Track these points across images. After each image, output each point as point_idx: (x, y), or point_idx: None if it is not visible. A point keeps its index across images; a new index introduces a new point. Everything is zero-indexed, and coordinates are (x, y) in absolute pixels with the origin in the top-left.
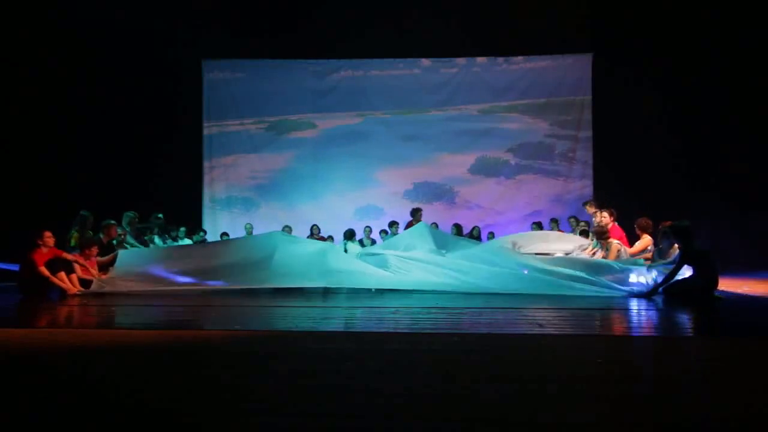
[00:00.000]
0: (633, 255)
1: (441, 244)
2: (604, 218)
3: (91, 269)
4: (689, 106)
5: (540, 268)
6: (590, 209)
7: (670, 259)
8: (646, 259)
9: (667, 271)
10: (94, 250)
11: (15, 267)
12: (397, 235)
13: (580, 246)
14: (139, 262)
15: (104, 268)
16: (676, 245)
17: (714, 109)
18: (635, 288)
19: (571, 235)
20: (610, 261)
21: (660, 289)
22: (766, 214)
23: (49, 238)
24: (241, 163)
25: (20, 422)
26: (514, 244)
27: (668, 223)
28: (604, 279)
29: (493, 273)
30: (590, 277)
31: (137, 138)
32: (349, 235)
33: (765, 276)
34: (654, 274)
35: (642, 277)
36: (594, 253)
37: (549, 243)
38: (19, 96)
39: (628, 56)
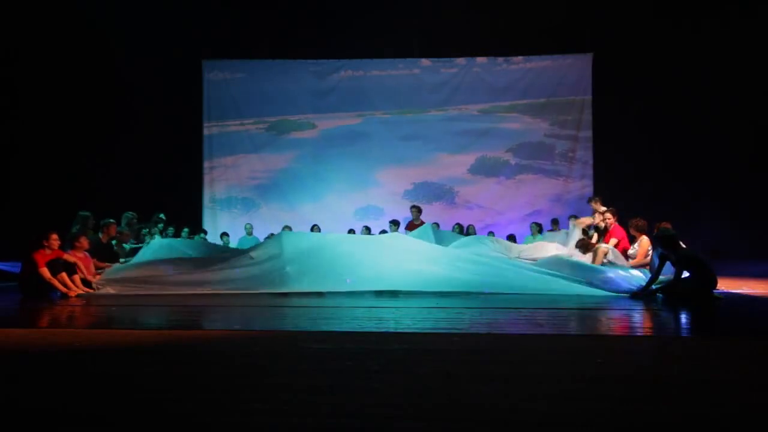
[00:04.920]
0: (640, 260)
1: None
2: (608, 219)
3: (84, 269)
4: (689, 106)
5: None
6: (596, 206)
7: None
8: (646, 264)
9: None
10: (83, 241)
11: (13, 267)
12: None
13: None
14: (137, 262)
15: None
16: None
17: (714, 109)
18: (623, 287)
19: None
20: (593, 265)
21: (650, 288)
22: (764, 213)
23: (55, 240)
24: (241, 163)
25: (20, 422)
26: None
27: (665, 224)
28: (593, 280)
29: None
30: (578, 278)
31: (137, 138)
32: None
33: (764, 275)
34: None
35: (629, 278)
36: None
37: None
38: (18, 96)
39: (628, 56)
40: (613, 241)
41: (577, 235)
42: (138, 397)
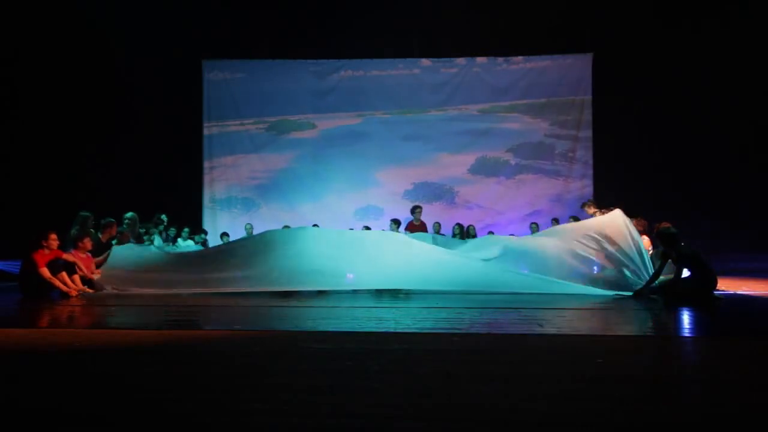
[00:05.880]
0: None
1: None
2: None
3: (85, 269)
4: (689, 106)
5: (537, 261)
6: (589, 210)
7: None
8: None
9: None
10: (87, 242)
11: (13, 267)
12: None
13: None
14: (134, 259)
15: (100, 266)
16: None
17: (714, 109)
18: (622, 287)
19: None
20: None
21: (650, 288)
22: (764, 213)
23: (54, 240)
24: (241, 163)
25: (20, 422)
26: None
27: (665, 224)
28: (594, 274)
29: (491, 271)
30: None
31: (137, 138)
32: None
33: (764, 275)
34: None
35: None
36: None
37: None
38: (18, 96)
39: (628, 56)
40: None
41: None
42: (138, 397)
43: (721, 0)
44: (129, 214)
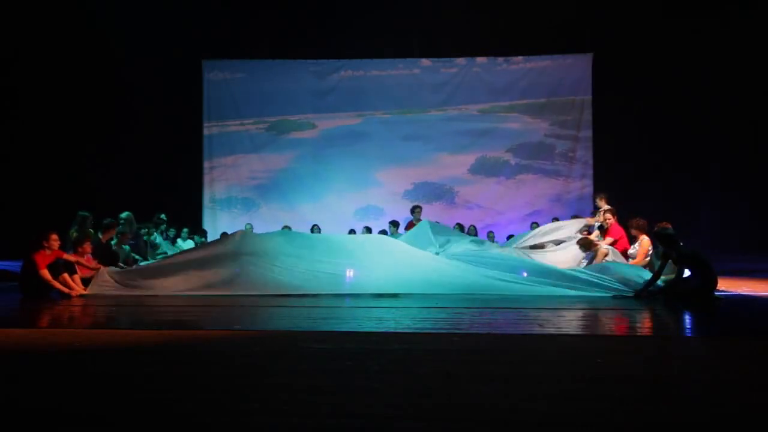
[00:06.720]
0: (640, 260)
1: (443, 240)
2: (608, 219)
3: (87, 266)
4: (689, 106)
5: (536, 268)
6: (601, 202)
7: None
8: (646, 265)
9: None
10: (87, 246)
11: (14, 267)
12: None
13: (571, 231)
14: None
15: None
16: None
17: (714, 109)
18: (622, 288)
19: (563, 222)
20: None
21: (650, 288)
22: (764, 212)
23: (54, 240)
24: (241, 163)
25: (20, 422)
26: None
27: (664, 224)
28: (594, 279)
29: (492, 275)
30: (583, 278)
31: (137, 138)
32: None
33: (763, 275)
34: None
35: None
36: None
37: (544, 236)
38: (18, 96)
39: (628, 56)
40: (609, 240)
41: (575, 226)
42: (138, 397)
43: (721, 0)
44: (124, 214)
